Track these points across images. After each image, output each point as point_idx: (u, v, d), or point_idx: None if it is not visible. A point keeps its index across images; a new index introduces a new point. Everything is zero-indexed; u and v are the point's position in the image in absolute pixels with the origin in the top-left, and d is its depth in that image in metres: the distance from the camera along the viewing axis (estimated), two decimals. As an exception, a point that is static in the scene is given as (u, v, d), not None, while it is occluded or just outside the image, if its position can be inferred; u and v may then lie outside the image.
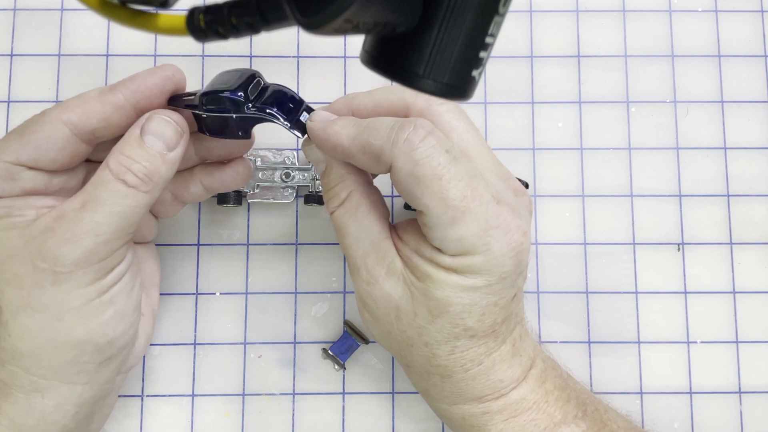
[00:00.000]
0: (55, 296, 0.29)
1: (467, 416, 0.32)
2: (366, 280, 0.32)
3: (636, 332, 0.40)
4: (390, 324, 0.32)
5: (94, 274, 0.30)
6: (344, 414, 0.39)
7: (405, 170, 0.29)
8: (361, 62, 0.25)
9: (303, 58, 0.42)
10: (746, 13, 0.44)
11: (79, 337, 0.30)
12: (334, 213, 0.33)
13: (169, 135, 0.31)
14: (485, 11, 0.23)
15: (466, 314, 0.30)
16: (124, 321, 0.31)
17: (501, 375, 0.32)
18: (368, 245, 0.32)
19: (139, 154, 0.30)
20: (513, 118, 0.42)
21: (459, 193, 0.29)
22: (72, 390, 0.31)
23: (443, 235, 0.29)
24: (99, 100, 0.31)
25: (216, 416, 0.39)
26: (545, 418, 0.32)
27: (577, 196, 0.42)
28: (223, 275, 0.40)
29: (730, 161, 0.42)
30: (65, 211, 0.30)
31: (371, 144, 0.30)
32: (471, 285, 0.30)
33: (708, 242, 0.41)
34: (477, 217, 0.29)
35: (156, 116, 0.31)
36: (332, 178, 0.33)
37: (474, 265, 0.29)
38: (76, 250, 0.29)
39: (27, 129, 0.30)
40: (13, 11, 0.42)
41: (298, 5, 0.20)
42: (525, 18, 0.43)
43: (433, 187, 0.29)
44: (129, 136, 0.31)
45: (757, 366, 0.40)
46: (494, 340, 0.31)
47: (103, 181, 0.30)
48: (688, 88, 0.43)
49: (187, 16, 0.22)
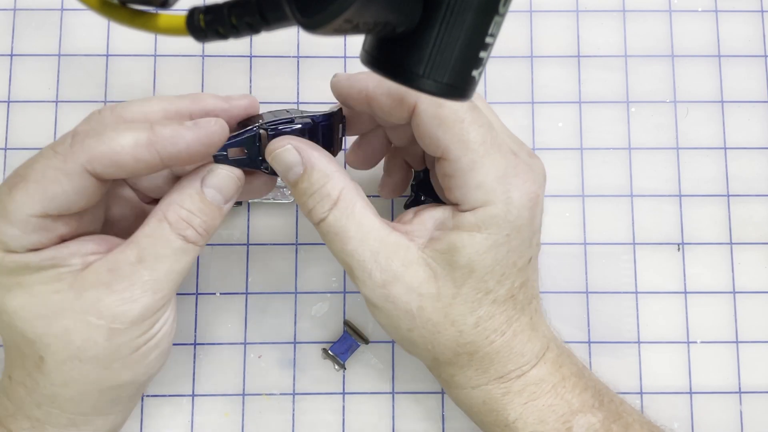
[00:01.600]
0: (108, 350, 0.29)
1: (488, 399, 0.32)
2: (381, 281, 0.30)
3: (636, 332, 0.41)
4: (411, 320, 0.31)
5: (147, 327, 0.29)
6: (344, 414, 0.39)
7: (429, 111, 0.30)
8: (361, 62, 0.25)
9: (303, 58, 0.42)
10: (746, 13, 0.44)
11: (124, 380, 0.30)
12: (326, 219, 0.30)
13: (229, 188, 0.30)
14: (485, 11, 0.23)
15: (488, 276, 0.30)
16: (165, 357, 0.32)
17: (522, 348, 0.32)
18: (376, 242, 0.30)
19: (199, 208, 0.29)
20: (513, 118, 0.42)
21: (479, 137, 0.30)
22: (107, 420, 0.31)
23: (463, 181, 0.30)
24: (132, 155, 0.28)
25: (216, 416, 0.39)
26: (563, 404, 0.32)
27: (577, 196, 0.42)
28: (223, 275, 0.40)
29: (730, 161, 0.42)
30: (120, 265, 0.28)
31: (398, 87, 0.29)
32: (494, 242, 0.30)
33: (708, 242, 0.41)
34: (496, 162, 0.30)
35: (218, 170, 0.30)
36: (316, 179, 0.30)
37: (495, 215, 0.30)
38: (135, 309, 0.28)
39: (47, 178, 0.28)
40: (13, 11, 0.42)
41: (298, 5, 0.20)
42: (525, 18, 0.43)
43: (455, 128, 0.30)
44: (190, 188, 0.30)
45: (757, 366, 0.40)
46: (513, 308, 0.32)
47: (162, 236, 0.29)
48: (688, 88, 0.43)
49: (187, 16, 0.22)
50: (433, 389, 0.40)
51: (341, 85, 0.32)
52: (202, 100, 0.31)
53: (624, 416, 0.33)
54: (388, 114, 0.31)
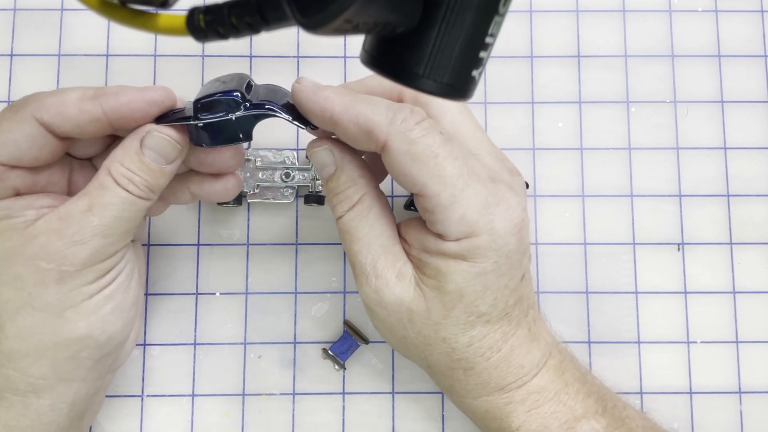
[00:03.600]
0: (58, 294, 0.29)
1: (491, 408, 0.32)
2: (375, 287, 0.31)
3: (636, 332, 0.40)
4: (404, 328, 0.32)
5: (97, 272, 0.30)
6: (344, 414, 0.39)
7: (401, 149, 0.29)
8: (361, 62, 0.25)
9: (303, 58, 0.42)
10: (746, 13, 0.44)
11: (81, 333, 0.30)
12: (342, 217, 0.32)
13: (168, 151, 0.31)
14: (485, 11, 0.23)
15: (479, 301, 0.30)
16: (122, 316, 0.32)
17: (521, 360, 0.32)
18: (379, 249, 0.31)
19: (139, 168, 0.30)
20: (513, 118, 0.42)
21: (456, 170, 0.29)
22: (68, 387, 0.31)
23: (444, 216, 0.29)
24: (77, 106, 0.30)
25: (216, 416, 0.39)
26: (566, 411, 0.32)
27: (577, 196, 0.42)
28: (223, 275, 0.40)
29: (730, 161, 0.42)
30: (71, 213, 0.30)
31: (367, 117, 0.29)
32: (481, 270, 0.30)
33: (708, 242, 0.41)
34: (476, 194, 0.29)
35: (155, 133, 0.31)
36: (343, 182, 0.32)
37: (480, 246, 0.29)
38: (84, 251, 0.29)
39: (1, 128, 0.30)
40: (13, 11, 0.42)
41: (298, 5, 0.20)
42: (525, 18, 0.43)
43: (429, 164, 0.29)
44: (129, 147, 0.31)
45: (757, 366, 0.40)
46: (509, 324, 0.31)
47: (108, 186, 0.30)
48: (688, 88, 0.43)
49: (187, 16, 0.22)
50: (433, 389, 0.40)
51: (304, 97, 0.30)
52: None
53: (627, 422, 0.33)
54: (354, 143, 0.31)
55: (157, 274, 0.40)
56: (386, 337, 0.33)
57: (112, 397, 0.39)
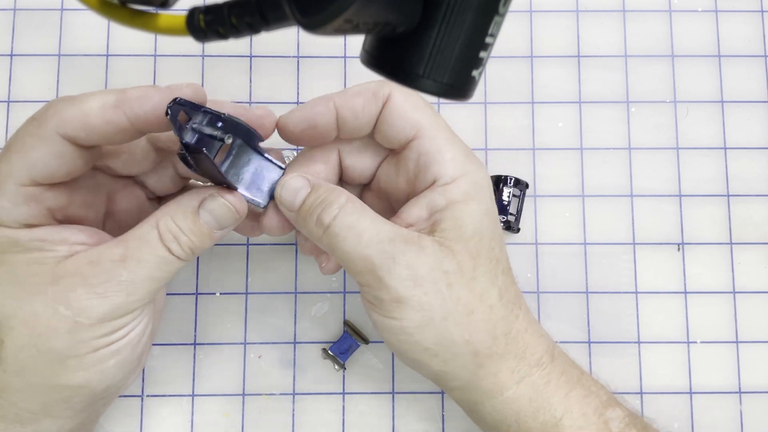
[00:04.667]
0: (67, 343, 0.28)
1: (534, 395, 0.32)
2: (406, 263, 0.30)
3: (636, 332, 0.40)
4: (444, 302, 0.30)
5: (111, 328, 0.29)
6: (344, 414, 0.39)
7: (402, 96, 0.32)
8: (361, 62, 0.25)
9: (303, 58, 0.42)
10: (746, 13, 0.44)
11: (78, 382, 0.29)
12: (336, 216, 0.30)
13: (226, 219, 0.30)
14: (485, 11, 0.23)
15: (493, 242, 0.32)
16: (125, 370, 0.31)
17: (537, 327, 0.33)
18: (393, 230, 0.30)
19: (190, 228, 0.30)
20: (513, 118, 0.42)
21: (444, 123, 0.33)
22: (54, 422, 0.30)
23: (440, 157, 0.32)
24: (101, 117, 0.28)
25: (216, 416, 0.39)
26: (593, 397, 0.32)
27: (577, 196, 0.42)
28: (223, 275, 0.40)
29: (730, 161, 0.42)
30: (102, 259, 0.28)
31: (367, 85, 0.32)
32: (486, 208, 0.32)
33: (708, 242, 0.41)
34: (461, 144, 0.33)
35: (219, 199, 0.30)
36: (323, 190, 0.31)
37: (477, 182, 0.32)
38: (104, 306, 0.28)
39: (26, 146, 0.28)
40: (13, 11, 0.42)
41: (298, 5, 0.20)
42: (525, 18, 0.43)
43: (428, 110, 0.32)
44: (186, 205, 0.30)
45: (757, 366, 0.40)
46: (514, 283, 0.33)
47: (150, 242, 0.29)
48: (688, 88, 0.43)
49: (187, 16, 0.22)
50: (433, 389, 0.40)
51: (299, 114, 0.32)
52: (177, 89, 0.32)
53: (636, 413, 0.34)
54: (360, 112, 0.31)
55: (157, 274, 0.40)
56: (424, 335, 0.31)
57: (112, 397, 0.39)
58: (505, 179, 0.40)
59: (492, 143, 0.42)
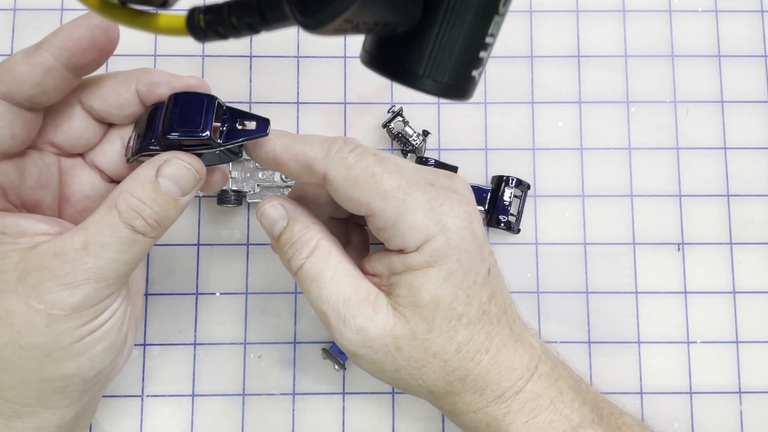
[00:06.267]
0: (47, 337, 0.28)
1: (491, 421, 0.32)
2: (356, 327, 0.31)
3: (636, 332, 0.41)
4: (394, 360, 0.31)
5: (89, 316, 0.29)
6: (344, 414, 0.39)
7: (340, 176, 0.30)
8: (361, 62, 0.25)
9: (303, 58, 0.42)
10: (746, 13, 0.44)
11: (68, 372, 0.29)
12: (303, 266, 0.31)
13: (187, 180, 0.30)
14: (485, 11, 0.23)
15: (455, 303, 0.31)
16: (113, 353, 0.31)
17: (510, 362, 0.32)
18: (349, 289, 0.31)
19: (152, 198, 0.29)
20: (513, 118, 0.42)
21: (395, 183, 0.30)
22: (54, 413, 0.30)
23: (396, 229, 0.30)
24: (26, 63, 0.28)
25: (216, 416, 0.39)
26: (563, 420, 0.32)
27: (577, 196, 0.42)
28: (223, 275, 0.40)
29: (730, 161, 0.42)
30: (65, 250, 0.28)
31: (305, 154, 0.31)
32: (447, 271, 0.30)
33: (708, 242, 0.41)
34: (418, 200, 0.30)
35: (175, 161, 0.29)
36: (297, 230, 0.32)
37: (438, 248, 0.30)
38: (75, 296, 0.28)
39: None
40: (13, 11, 0.42)
41: (298, 5, 0.20)
42: (525, 18, 0.43)
43: (369, 185, 0.30)
44: (142, 176, 0.29)
45: (757, 366, 0.40)
46: (489, 322, 0.32)
47: (110, 223, 0.28)
48: (688, 88, 0.43)
49: (187, 16, 0.22)
50: (433, 389, 0.40)
51: (249, 144, 0.32)
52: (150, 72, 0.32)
53: (624, 429, 0.33)
54: (298, 178, 0.32)
55: (157, 274, 0.40)
56: (381, 377, 0.33)
57: (112, 397, 0.39)
58: (507, 180, 0.40)
59: (492, 143, 0.42)
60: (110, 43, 0.30)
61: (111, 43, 0.30)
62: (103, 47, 0.30)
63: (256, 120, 0.31)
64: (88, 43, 0.29)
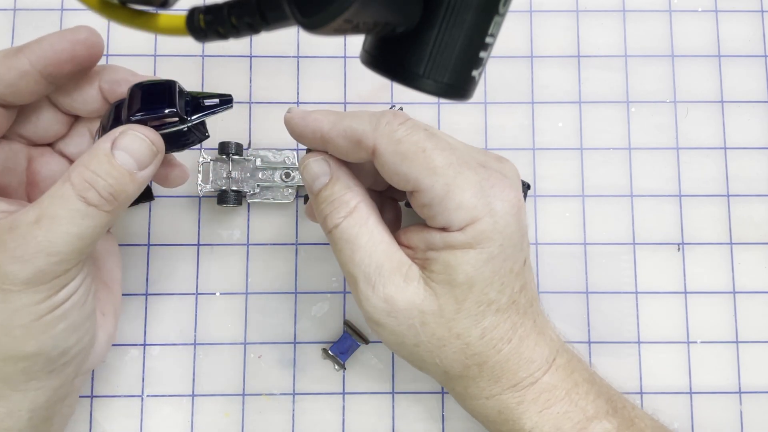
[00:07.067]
0: (4, 313, 0.28)
1: (503, 409, 0.32)
2: (384, 295, 0.30)
3: (636, 332, 0.41)
4: (416, 335, 0.31)
5: (46, 292, 0.28)
6: (344, 414, 0.39)
7: (389, 150, 0.29)
8: (361, 62, 0.25)
9: (303, 58, 0.42)
10: (746, 13, 0.44)
11: (30, 351, 0.29)
12: (339, 225, 0.31)
13: (143, 153, 0.29)
14: (485, 11, 0.23)
15: (488, 288, 0.30)
16: (78, 331, 0.30)
17: (530, 353, 0.32)
18: (383, 256, 0.31)
19: (106, 170, 0.28)
20: (513, 118, 0.42)
21: (445, 160, 0.29)
22: (24, 396, 0.30)
23: (443, 207, 0.30)
24: (4, 64, 0.29)
25: (216, 416, 0.39)
26: (577, 411, 0.32)
27: (577, 196, 0.42)
28: (223, 275, 0.40)
29: (730, 161, 0.42)
30: (18, 224, 0.28)
31: (353, 128, 0.30)
32: (488, 255, 0.30)
33: (708, 242, 0.41)
34: (469, 180, 0.30)
35: (131, 132, 0.29)
36: (338, 188, 0.31)
37: (485, 230, 0.30)
38: (27, 270, 0.27)
39: None
40: (13, 11, 0.42)
41: (298, 5, 0.20)
42: (525, 18, 0.43)
43: (419, 159, 0.29)
44: (97, 149, 0.29)
45: (757, 366, 0.40)
46: (516, 313, 0.32)
47: (63, 196, 0.28)
48: (688, 88, 0.43)
49: (187, 16, 0.22)
50: (433, 389, 0.40)
51: (295, 123, 0.31)
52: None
53: (637, 422, 0.33)
54: (346, 155, 0.31)
55: (157, 274, 0.40)
56: (397, 349, 0.33)
57: (112, 397, 0.39)
58: (505, 179, 0.40)
59: (492, 143, 0.42)
60: (91, 59, 0.30)
61: (92, 59, 0.31)
62: (81, 62, 0.30)
63: (219, 96, 0.31)
64: (68, 56, 0.30)
